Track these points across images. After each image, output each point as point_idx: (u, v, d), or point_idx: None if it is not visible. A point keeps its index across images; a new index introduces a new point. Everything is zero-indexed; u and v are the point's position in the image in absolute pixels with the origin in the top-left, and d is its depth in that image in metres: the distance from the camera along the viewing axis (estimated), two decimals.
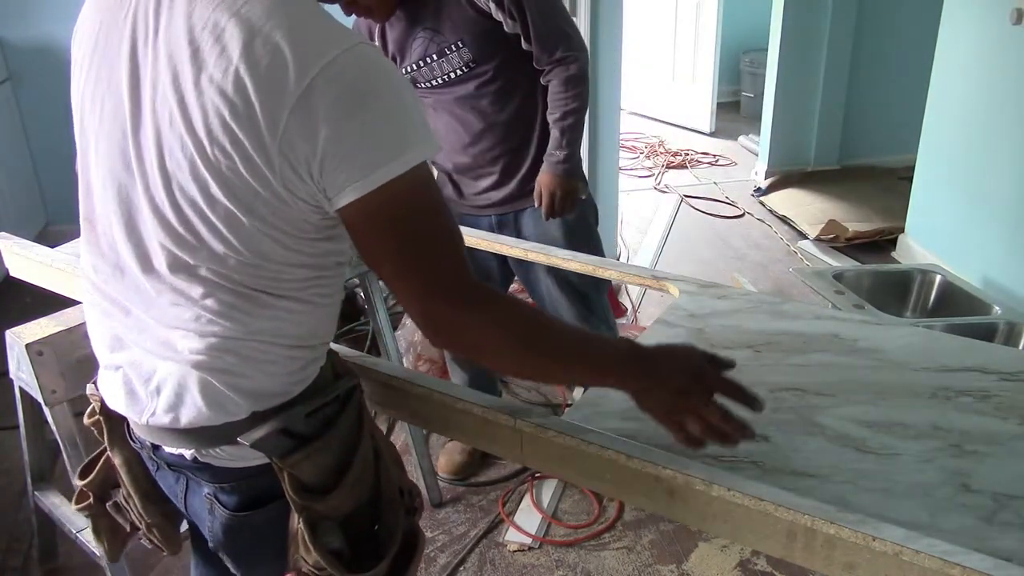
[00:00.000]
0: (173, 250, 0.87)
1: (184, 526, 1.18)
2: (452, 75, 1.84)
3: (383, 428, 2.62)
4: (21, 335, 1.55)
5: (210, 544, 1.03)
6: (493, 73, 1.83)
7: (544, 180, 1.90)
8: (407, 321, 2.88)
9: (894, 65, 4.44)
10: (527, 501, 2.26)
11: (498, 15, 1.76)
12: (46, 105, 3.70)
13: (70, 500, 1.80)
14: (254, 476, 0.96)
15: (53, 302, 1.67)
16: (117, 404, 0.99)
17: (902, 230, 3.68)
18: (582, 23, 3.14)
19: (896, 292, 2.85)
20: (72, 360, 1.58)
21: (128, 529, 1.16)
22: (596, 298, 2.12)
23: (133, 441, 1.05)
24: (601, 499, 2.26)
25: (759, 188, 4.65)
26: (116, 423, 1.07)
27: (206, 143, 0.80)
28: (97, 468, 1.15)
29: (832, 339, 1.28)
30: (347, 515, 0.98)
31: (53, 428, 1.60)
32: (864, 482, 0.99)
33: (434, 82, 1.86)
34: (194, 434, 0.93)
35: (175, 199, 0.84)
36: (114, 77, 0.88)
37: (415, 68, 1.85)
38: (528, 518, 2.20)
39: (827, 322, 1.34)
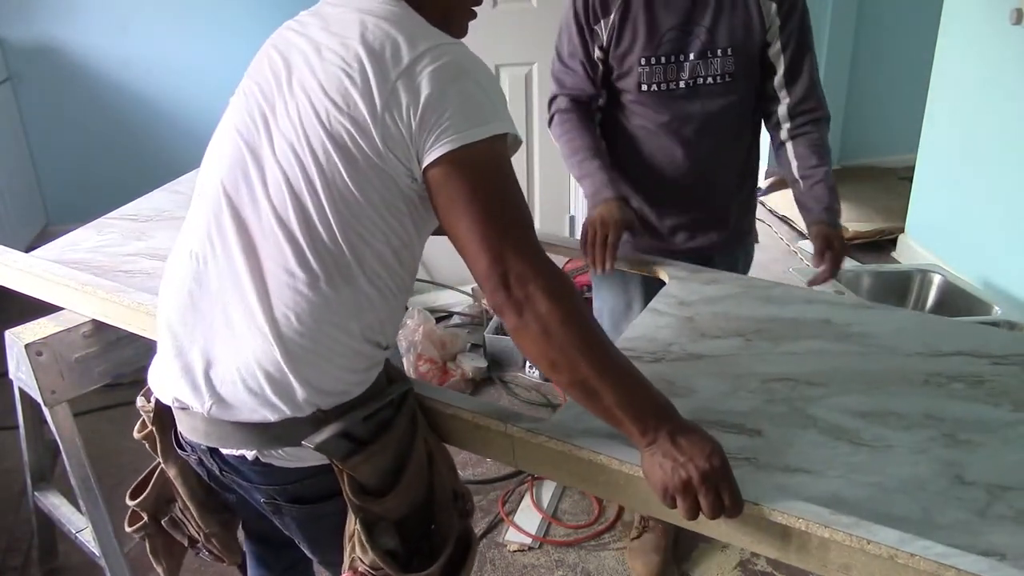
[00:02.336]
0: (276, 235, 0.92)
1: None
2: (703, 81, 1.56)
3: None
4: (21, 335, 1.55)
5: (287, 533, 1.08)
6: (743, 96, 1.60)
7: (831, 235, 1.56)
8: (407, 321, 2.88)
9: (894, 65, 4.44)
10: (527, 501, 2.26)
11: (774, 38, 1.54)
12: (46, 105, 3.70)
13: (70, 500, 1.80)
14: (313, 476, 0.99)
15: (53, 303, 1.66)
16: (179, 396, 0.98)
17: (902, 230, 3.68)
18: None
19: (896, 292, 2.85)
20: (71, 360, 1.58)
21: (186, 544, 1.18)
22: None
23: (183, 449, 1.07)
24: (601, 499, 2.26)
25: (759, 188, 4.65)
26: (167, 435, 1.09)
27: (323, 110, 0.89)
28: (150, 485, 1.16)
29: (824, 325, 1.28)
30: (402, 517, 1.00)
31: (53, 428, 1.60)
32: (857, 476, 0.98)
33: (673, 85, 1.57)
34: (257, 431, 0.95)
35: (294, 171, 0.92)
36: (257, 74, 1.00)
37: (656, 62, 1.55)
38: (528, 518, 2.20)
39: (819, 307, 1.33)
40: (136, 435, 1.13)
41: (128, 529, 1.21)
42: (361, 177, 0.90)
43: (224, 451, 0.99)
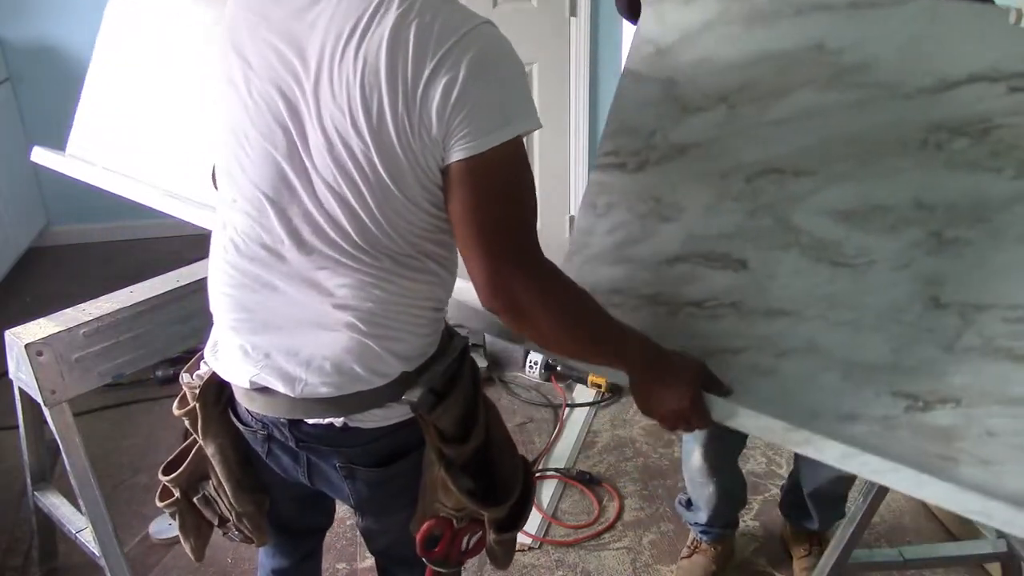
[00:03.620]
0: (336, 224, 0.94)
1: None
2: None
3: None
4: (20, 335, 1.55)
5: (354, 505, 1.13)
6: None
7: None
8: None
9: None
10: None
11: None
12: (46, 105, 3.69)
13: (70, 500, 1.80)
14: (393, 432, 1.04)
15: (53, 302, 1.66)
16: (259, 380, 1.02)
17: None
18: (582, 24, 3.14)
19: None
20: (71, 360, 1.58)
21: (216, 523, 1.21)
22: None
23: (247, 424, 1.09)
24: (601, 499, 2.26)
25: None
26: (211, 410, 1.11)
27: (360, 108, 0.88)
28: (186, 462, 1.18)
29: (816, 55, 1.09)
30: (468, 460, 1.09)
31: (52, 428, 1.60)
32: (834, 315, 1.05)
33: None
34: (346, 400, 1.00)
35: (334, 176, 0.92)
36: (262, 65, 0.94)
37: None
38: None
39: (810, 21, 1.10)
40: (176, 411, 1.15)
41: (159, 503, 1.22)
42: (404, 180, 0.92)
43: (310, 421, 1.03)
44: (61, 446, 1.61)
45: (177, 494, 1.20)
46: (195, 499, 1.20)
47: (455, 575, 1.19)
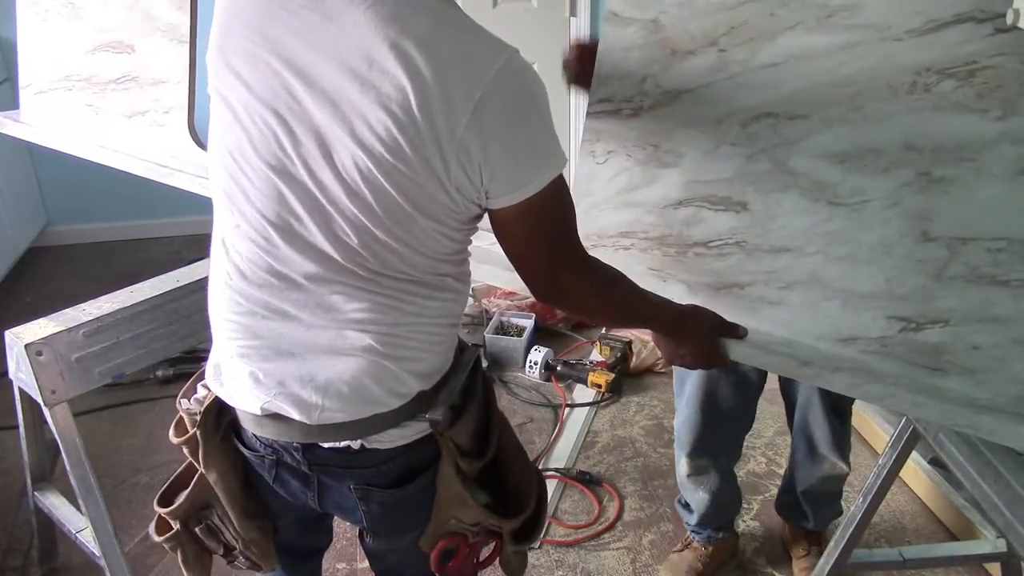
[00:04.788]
0: (354, 253, 0.92)
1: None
2: None
3: None
4: (20, 335, 1.55)
5: (366, 527, 1.11)
6: None
7: None
8: None
9: None
10: None
11: None
12: None
13: (70, 500, 1.80)
14: (407, 451, 1.04)
15: (53, 302, 1.66)
16: (272, 408, 0.99)
17: None
18: (582, 24, 3.14)
19: None
20: (71, 360, 1.58)
21: (220, 552, 1.18)
22: (849, 413, 1.86)
23: (254, 449, 1.07)
24: (601, 499, 2.26)
25: None
26: (212, 438, 1.08)
27: (385, 156, 0.85)
28: (187, 491, 1.14)
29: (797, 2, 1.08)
30: (480, 473, 1.10)
31: (52, 428, 1.60)
32: (834, 249, 1.13)
33: None
34: (364, 423, 0.99)
35: (350, 208, 0.89)
36: (261, 88, 0.90)
37: None
38: None
39: None
40: (174, 439, 1.11)
41: (157, 539, 1.18)
42: (433, 212, 0.91)
43: (325, 445, 1.02)
44: (61, 446, 1.61)
45: (176, 526, 1.16)
46: (197, 529, 1.17)
47: None
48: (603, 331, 3.09)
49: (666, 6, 1.17)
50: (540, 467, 2.41)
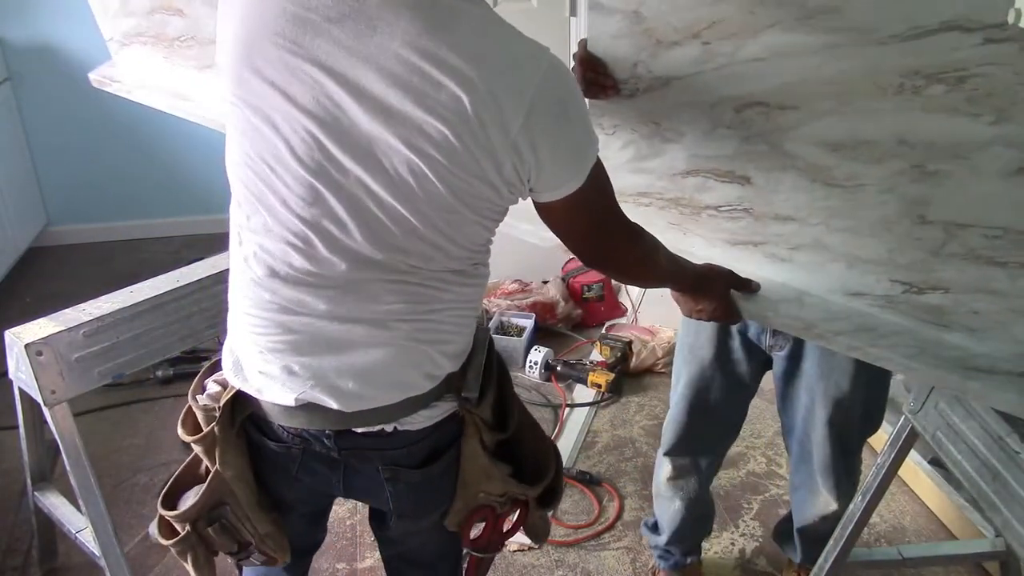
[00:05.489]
0: (397, 249, 0.94)
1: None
2: None
3: None
4: (20, 335, 1.55)
5: (392, 508, 1.14)
6: None
7: None
8: None
9: None
10: None
11: None
12: (46, 105, 3.70)
13: (70, 500, 1.80)
14: (434, 431, 1.08)
15: (53, 302, 1.66)
16: (308, 398, 1.01)
17: None
18: (582, 24, 3.14)
19: None
20: (71, 360, 1.58)
21: (234, 549, 1.18)
22: (855, 448, 1.68)
23: (281, 441, 1.08)
24: (601, 499, 2.26)
25: None
26: (229, 433, 1.09)
27: (441, 161, 0.87)
28: (201, 492, 1.12)
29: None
30: (501, 445, 1.14)
31: (52, 428, 1.60)
32: (835, 222, 1.17)
33: None
34: (398, 406, 1.02)
35: (398, 211, 0.91)
36: (302, 97, 0.89)
37: None
38: None
39: None
40: (187, 437, 1.11)
41: (164, 542, 1.16)
42: (480, 209, 0.94)
43: (359, 430, 1.04)
44: (61, 446, 1.61)
45: (185, 529, 1.14)
46: (210, 529, 1.14)
47: (491, 560, 1.26)
48: (603, 331, 3.09)
49: None
50: None
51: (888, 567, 1.78)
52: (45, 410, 1.59)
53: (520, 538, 2.10)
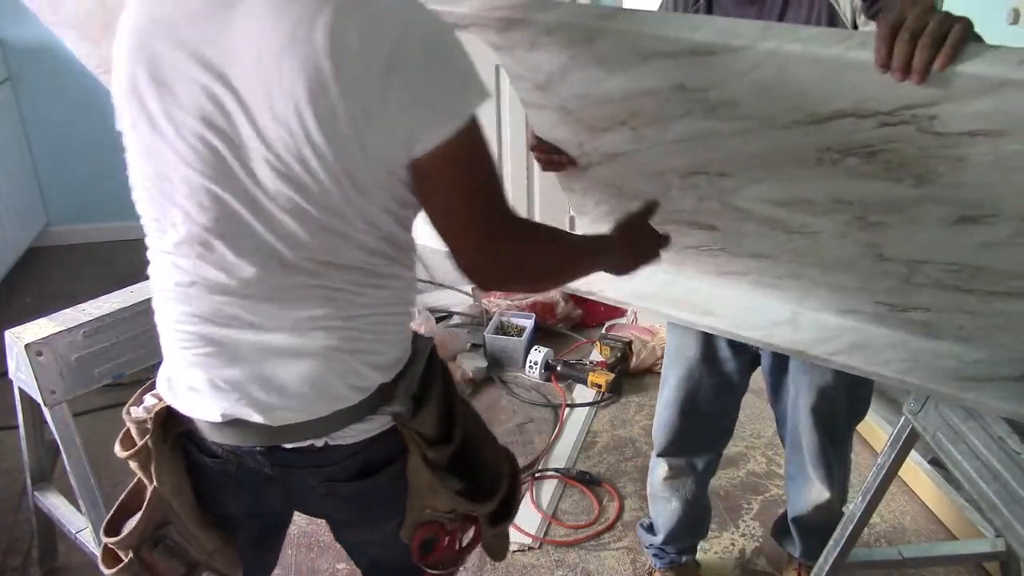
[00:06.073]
0: (299, 244, 0.90)
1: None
2: None
3: None
4: (21, 335, 1.55)
5: (336, 521, 1.11)
6: None
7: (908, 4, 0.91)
8: None
9: None
10: (527, 501, 2.26)
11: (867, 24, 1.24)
12: (46, 105, 3.70)
13: (70, 500, 1.80)
14: (371, 444, 1.03)
15: (53, 302, 1.66)
16: (233, 413, 0.98)
17: None
18: None
19: None
20: (71, 360, 1.58)
21: (182, 572, 1.12)
22: (842, 436, 1.71)
23: (216, 457, 1.04)
24: (601, 499, 2.26)
25: None
26: (163, 446, 1.06)
27: (313, 138, 0.84)
28: (140, 513, 1.09)
29: (681, 94, 1.05)
30: (451, 459, 1.08)
31: (52, 428, 1.60)
32: (804, 259, 1.21)
33: None
34: (326, 420, 0.98)
35: (289, 196, 0.88)
36: (196, 106, 0.88)
37: None
38: (528, 518, 2.19)
39: (659, 67, 1.04)
40: (121, 453, 1.08)
41: (108, 572, 1.11)
42: (368, 184, 0.89)
43: (287, 445, 1.01)
44: (61, 446, 1.61)
45: (128, 556, 1.09)
46: (154, 552, 1.10)
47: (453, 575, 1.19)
48: (603, 331, 3.09)
49: (565, 97, 1.19)
50: (540, 467, 2.41)
51: (888, 567, 1.78)
52: (45, 410, 1.59)
53: (520, 538, 2.11)
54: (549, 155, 1.32)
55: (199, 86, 0.86)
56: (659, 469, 1.81)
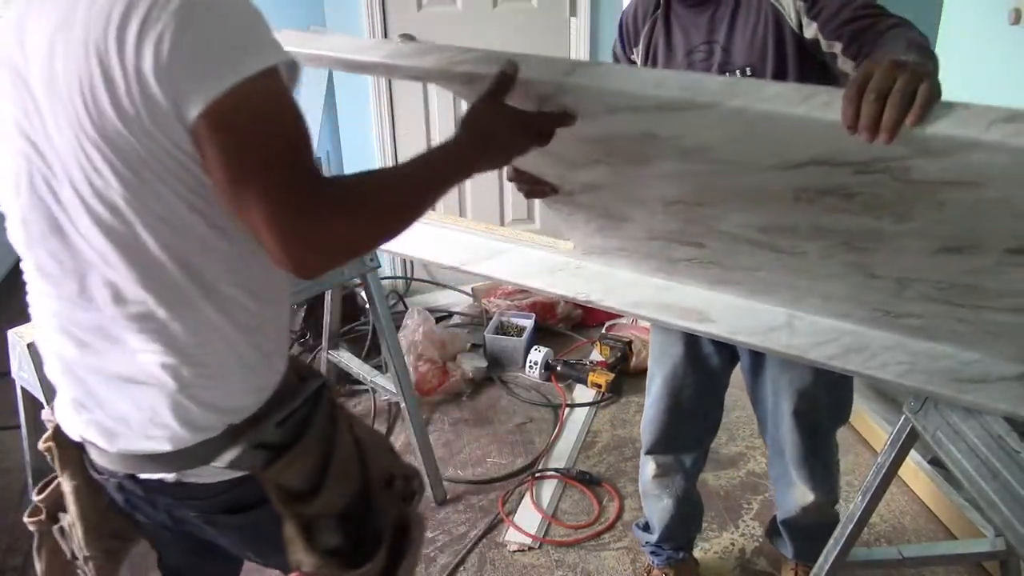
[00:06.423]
0: (112, 265, 0.84)
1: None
2: None
3: (383, 428, 2.62)
4: (23, 334, 1.55)
5: (226, 546, 1.05)
6: None
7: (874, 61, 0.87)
8: (407, 321, 2.89)
9: None
10: (527, 501, 2.26)
11: (816, 33, 1.22)
12: None
13: None
14: (238, 486, 0.95)
15: None
16: (85, 435, 0.96)
17: None
18: (582, 24, 3.15)
19: None
20: None
21: (68, 557, 1.10)
22: (824, 438, 1.70)
23: (99, 472, 1.01)
24: (601, 499, 2.27)
25: None
26: (68, 451, 1.03)
27: (86, 115, 0.77)
28: (51, 487, 1.10)
29: (655, 140, 1.04)
30: (341, 511, 0.99)
31: None
32: (795, 274, 1.22)
33: None
34: (172, 457, 0.92)
35: (91, 208, 0.81)
36: (15, 119, 0.83)
37: None
38: (528, 518, 2.20)
39: (627, 119, 1.03)
40: (40, 445, 1.07)
41: (26, 519, 1.13)
42: (155, 175, 0.80)
43: (142, 476, 0.96)
44: None
45: (43, 515, 1.11)
46: (54, 527, 1.10)
47: None
48: (603, 331, 3.09)
49: None
50: (540, 467, 2.41)
51: (888, 567, 1.77)
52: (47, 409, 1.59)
53: (520, 538, 2.11)
54: (531, 185, 1.29)
55: (12, 93, 0.82)
56: (648, 467, 1.83)
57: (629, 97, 0.94)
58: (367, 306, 3.07)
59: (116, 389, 0.91)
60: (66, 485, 1.05)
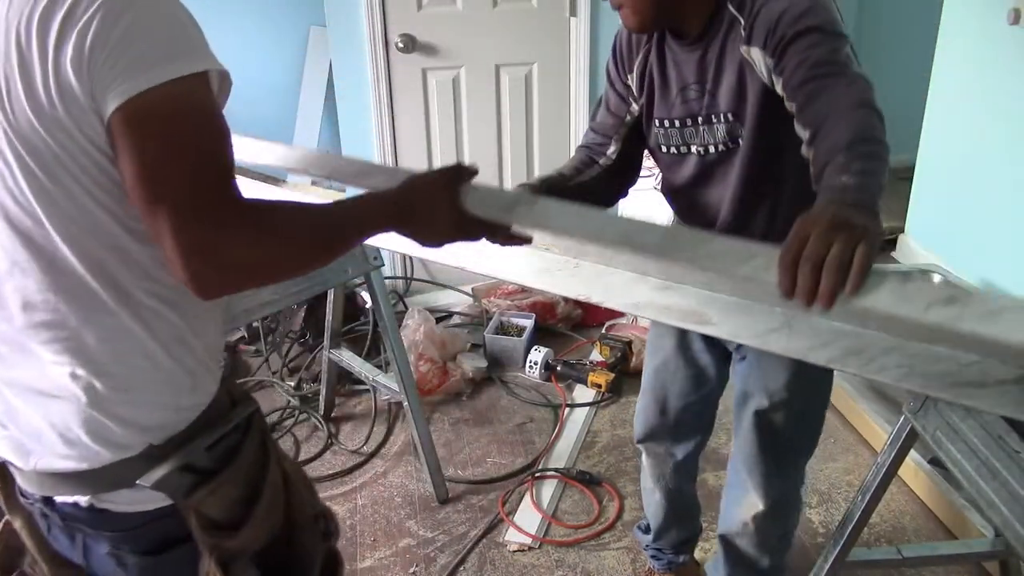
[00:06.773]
0: (20, 268, 0.81)
1: None
2: (710, 149, 1.38)
3: (384, 428, 2.62)
4: None
5: None
6: (757, 171, 1.36)
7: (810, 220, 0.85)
8: (408, 321, 2.89)
9: (894, 65, 4.44)
10: (527, 501, 2.26)
11: (790, 107, 1.21)
12: None
13: None
14: (156, 520, 0.91)
15: None
16: (2, 453, 0.92)
17: (902, 230, 3.68)
18: (582, 24, 3.15)
19: None
20: None
21: None
22: (790, 442, 1.61)
23: (25, 498, 0.96)
24: (601, 499, 2.27)
25: None
26: (10, 481, 0.98)
27: (10, 117, 0.75)
28: (2, 528, 1.04)
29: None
30: (262, 547, 0.95)
31: None
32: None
33: (684, 149, 1.42)
34: (88, 477, 0.87)
35: (14, 187, 0.78)
36: None
37: (671, 125, 1.41)
38: (528, 518, 2.20)
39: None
40: None
41: None
42: (69, 175, 0.77)
43: (57, 499, 0.91)
44: None
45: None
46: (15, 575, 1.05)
47: None
48: (603, 331, 3.09)
49: None
50: (540, 467, 2.41)
51: (888, 567, 1.78)
52: None
53: (520, 538, 2.11)
54: (506, 237, 1.13)
55: None
56: (642, 458, 1.84)
57: (574, 234, 1.01)
58: (367, 306, 3.08)
59: (29, 403, 0.87)
60: (16, 520, 0.99)
